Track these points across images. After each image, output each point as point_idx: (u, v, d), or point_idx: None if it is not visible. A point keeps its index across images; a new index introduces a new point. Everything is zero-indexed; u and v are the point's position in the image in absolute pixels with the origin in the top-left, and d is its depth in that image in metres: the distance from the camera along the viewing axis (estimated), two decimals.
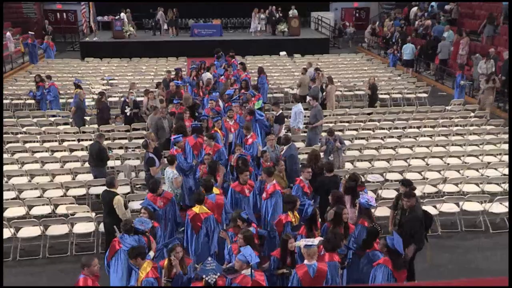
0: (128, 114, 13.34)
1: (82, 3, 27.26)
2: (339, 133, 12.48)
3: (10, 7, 29.04)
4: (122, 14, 25.64)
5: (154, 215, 7.43)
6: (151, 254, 6.40)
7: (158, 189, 7.89)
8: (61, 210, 9.29)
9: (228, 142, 11.22)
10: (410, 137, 13.12)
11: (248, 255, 5.84)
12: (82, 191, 10.11)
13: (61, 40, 28.50)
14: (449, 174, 10.76)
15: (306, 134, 12.64)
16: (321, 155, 10.04)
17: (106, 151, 10.59)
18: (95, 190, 10.11)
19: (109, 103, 15.13)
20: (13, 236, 8.52)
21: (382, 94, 17.48)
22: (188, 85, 15.67)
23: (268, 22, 26.57)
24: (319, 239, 6.39)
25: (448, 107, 15.50)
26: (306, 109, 13.51)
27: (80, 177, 10.77)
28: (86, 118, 13.97)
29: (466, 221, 9.53)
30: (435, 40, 21.29)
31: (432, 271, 7.27)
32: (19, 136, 12.97)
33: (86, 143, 12.41)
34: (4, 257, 8.47)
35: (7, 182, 10.37)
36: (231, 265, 6.13)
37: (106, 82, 18.47)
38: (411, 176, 10.77)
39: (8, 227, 8.49)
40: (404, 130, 13.56)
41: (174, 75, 15.92)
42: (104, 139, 10.90)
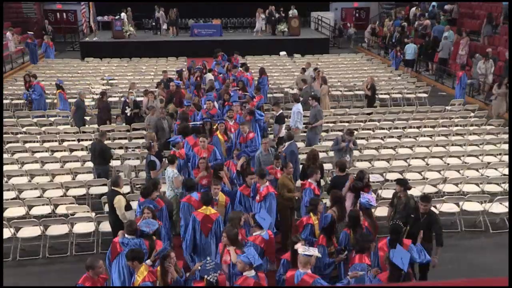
0: (128, 115, 13.34)
1: (82, 3, 27.24)
2: (340, 133, 12.48)
3: (10, 7, 29.06)
4: (123, 14, 25.65)
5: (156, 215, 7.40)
6: (148, 262, 6.20)
7: (151, 194, 7.70)
8: (61, 210, 9.29)
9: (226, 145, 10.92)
10: (410, 137, 13.12)
11: (252, 257, 5.81)
12: (82, 191, 10.11)
13: (61, 40, 28.48)
14: (449, 174, 10.76)
15: (305, 134, 12.63)
16: (320, 154, 10.04)
17: (109, 149, 10.61)
18: (95, 190, 10.11)
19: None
20: (13, 236, 8.52)
21: (382, 94, 17.50)
22: (191, 86, 15.59)
23: (268, 22, 26.57)
24: (317, 254, 6.12)
25: (448, 107, 15.51)
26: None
27: (80, 177, 10.76)
28: (86, 118, 13.96)
29: (466, 221, 9.54)
30: (435, 40, 21.30)
31: (432, 271, 7.26)
32: (19, 136, 12.97)
33: (86, 143, 12.41)
34: (4, 257, 8.47)
35: (7, 182, 10.37)
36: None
37: (106, 82, 18.48)
38: (411, 176, 10.80)
39: (8, 227, 8.49)
40: (404, 130, 13.56)
41: (177, 76, 15.90)
42: (105, 138, 10.91)
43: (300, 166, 9.94)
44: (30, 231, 8.59)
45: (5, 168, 11.07)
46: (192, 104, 12.46)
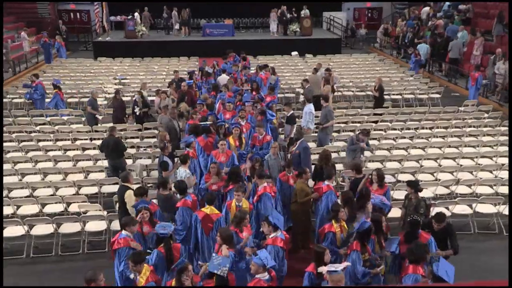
0: (137, 114, 13.42)
1: (96, 3, 27.49)
2: (351, 133, 12.43)
3: (25, 7, 29.46)
4: (136, 14, 25.83)
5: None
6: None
7: (144, 195, 7.61)
8: (73, 208, 9.39)
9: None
10: (423, 138, 13.02)
11: (264, 258, 5.79)
12: (94, 190, 10.19)
13: (74, 40, 28.77)
14: (462, 176, 10.65)
15: (316, 135, 12.59)
16: (332, 154, 9.99)
17: (122, 142, 10.79)
18: (107, 189, 10.20)
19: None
20: (26, 234, 8.62)
21: (394, 94, 17.39)
22: (204, 86, 15.59)
23: (280, 22, 26.55)
24: (345, 264, 6.03)
25: (461, 107, 15.35)
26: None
27: (92, 175, 10.86)
28: (98, 117, 14.08)
29: (479, 223, 9.43)
30: (447, 40, 21.11)
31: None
32: (33, 134, 13.11)
33: (98, 142, 12.50)
34: (17, 254, 8.59)
35: (21, 180, 10.50)
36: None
37: (118, 81, 18.61)
38: (423, 177, 10.72)
39: (22, 224, 8.59)
40: (416, 131, 13.45)
41: (189, 76, 15.94)
42: (116, 132, 11.09)
43: (312, 166, 9.92)
44: (43, 229, 8.68)
45: (19, 166, 11.23)
46: (205, 105, 12.45)
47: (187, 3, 26.49)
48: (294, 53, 23.80)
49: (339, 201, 8.01)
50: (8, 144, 12.64)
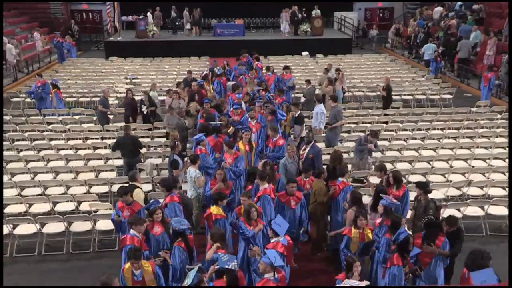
0: (145, 113, 13.49)
1: (108, 3, 27.69)
2: (362, 134, 12.36)
3: (38, 8, 29.77)
4: (149, 14, 25.97)
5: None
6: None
7: (124, 196, 7.50)
8: (84, 207, 9.46)
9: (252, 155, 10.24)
10: (434, 138, 12.91)
11: (273, 257, 5.79)
12: (105, 189, 10.26)
13: (86, 40, 29.01)
14: (474, 177, 10.54)
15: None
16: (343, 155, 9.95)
17: (139, 140, 11.05)
18: (118, 188, 10.23)
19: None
20: (38, 232, 8.71)
21: (405, 95, 17.28)
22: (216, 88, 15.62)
23: (291, 22, 26.51)
24: (366, 282, 5.87)
25: (474, 108, 15.19)
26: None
27: (103, 174, 10.94)
28: (109, 116, 14.17)
29: (491, 225, 9.32)
30: (459, 40, 20.93)
31: (454, 276, 7.14)
32: (45, 133, 13.24)
33: (109, 141, 12.61)
34: (29, 251, 8.69)
35: (33, 179, 10.61)
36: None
37: (129, 81, 18.72)
38: (434, 178, 10.63)
39: (34, 222, 8.68)
40: (428, 132, 13.35)
41: (202, 77, 15.96)
42: (131, 130, 11.25)
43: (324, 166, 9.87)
44: (54, 227, 8.76)
45: (31, 164, 11.35)
46: (213, 106, 12.46)
47: (198, 3, 26.56)
48: (305, 53, 23.74)
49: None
50: (21, 143, 12.80)
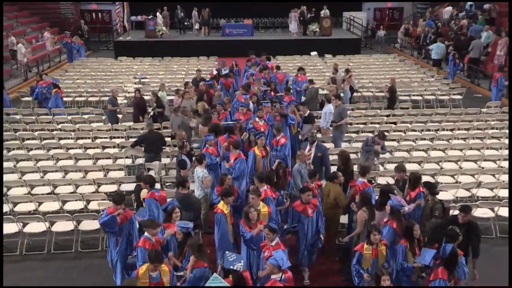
0: (151, 114, 13.54)
1: (117, 3, 27.83)
2: (370, 134, 12.31)
3: (48, 8, 30.01)
4: (158, 14, 26.07)
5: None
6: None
7: (121, 203, 7.23)
8: (93, 206, 9.51)
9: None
10: (443, 139, 12.82)
11: (280, 259, 5.78)
12: (113, 188, 10.31)
13: (95, 40, 29.18)
14: (483, 178, 10.45)
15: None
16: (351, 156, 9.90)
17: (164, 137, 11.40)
18: (126, 187, 10.30)
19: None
20: (47, 230, 8.78)
21: (414, 95, 17.19)
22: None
23: (299, 22, 26.46)
24: None
25: (484, 109, 15.06)
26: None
27: (111, 174, 11.00)
28: (119, 116, 14.24)
29: (501, 227, 9.24)
30: (470, 40, 20.77)
31: None
32: (54, 133, 13.34)
33: (118, 141, 12.67)
34: (38, 250, 8.76)
35: (42, 177, 10.69)
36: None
37: (138, 80, 18.79)
38: (443, 179, 10.56)
39: (43, 221, 8.75)
40: (437, 133, 13.26)
41: (211, 77, 15.97)
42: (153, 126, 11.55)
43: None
44: (63, 226, 8.82)
45: (41, 163, 11.43)
46: (223, 104, 12.46)
47: (207, 3, 26.60)
48: (313, 53, 23.69)
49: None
50: (30, 142, 12.90)
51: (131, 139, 12.74)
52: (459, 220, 7.05)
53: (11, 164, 11.41)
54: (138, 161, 11.64)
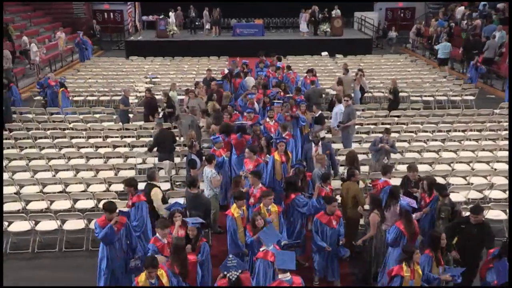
0: (160, 115, 13.59)
1: (129, 3, 27.99)
2: (380, 135, 12.24)
3: (61, 8, 30.29)
4: (171, 14, 26.19)
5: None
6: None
7: (114, 211, 7.03)
8: None
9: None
10: (455, 140, 12.71)
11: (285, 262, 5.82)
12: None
13: (107, 39, 29.39)
14: (496, 180, 10.34)
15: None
16: (361, 156, 9.87)
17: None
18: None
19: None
20: (59, 228, 8.86)
21: (426, 96, 17.05)
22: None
23: (310, 22, 26.40)
24: None
25: (497, 110, 14.89)
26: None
27: (122, 173, 11.06)
28: (130, 115, 14.32)
29: None
30: (478, 40, 20.62)
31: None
32: (66, 132, 13.45)
33: (129, 140, 12.74)
34: (49, 248, 8.85)
35: (54, 176, 10.79)
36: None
37: (149, 80, 18.89)
38: (455, 180, 10.46)
39: (55, 219, 8.83)
40: (449, 134, 13.15)
41: (222, 77, 15.99)
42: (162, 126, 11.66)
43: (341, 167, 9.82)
44: (74, 224, 8.89)
45: (53, 162, 11.54)
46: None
47: (218, 3, 26.65)
48: (324, 53, 23.61)
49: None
50: (43, 140, 13.03)
51: (141, 139, 12.84)
52: (471, 221, 6.98)
53: (23, 162, 11.53)
54: (148, 160, 11.67)
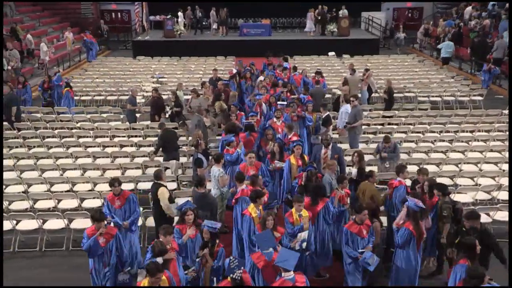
0: (169, 113, 13.63)
1: (136, 3, 28.08)
2: (388, 135, 12.18)
3: (69, 8, 30.50)
4: (180, 14, 26.25)
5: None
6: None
7: (103, 220, 6.80)
8: None
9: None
10: (463, 141, 12.63)
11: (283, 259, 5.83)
12: (130, 186, 10.39)
13: (114, 39, 29.52)
14: (504, 181, 10.26)
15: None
16: (368, 156, 9.85)
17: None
18: (143, 186, 10.39)
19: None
20: (66, 227, 8.91)
21: (433, 96, 16.97)
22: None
23: (317, 22, 26.36)
24: None
25: (506, 111, 14.78)
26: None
27: (128, 172, 11.10)
28: (137, 115, 14.37)
29: None
30: (483, 41, 20.53)
31: None
32: (73, 131, 13.52)
33: (135, 139, 12.79)
34: (57, 246, 8.91)
35: (62, 175, 10.85)
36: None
37: (156, 80, 18.94)
38: (463, 181, 10.40)
39: (62, 218, 8.88)
40: (456, 134, 13.07)
41: (229, 77, 15.98)
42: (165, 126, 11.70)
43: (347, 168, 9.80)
44: (82, 223, 8.91)
45: (61, 161, 11.61)
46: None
47: (225, 3, 26.68)
48: (331, 53, 23.57)
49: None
50: (51, 140, 13.10)
51: (148, 138, 12.87)
52: (466, 226, 6.89)
53: (31, 161, 11.60)
54: (155, 159, 11.68)
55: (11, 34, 21.97)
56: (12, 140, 12.95)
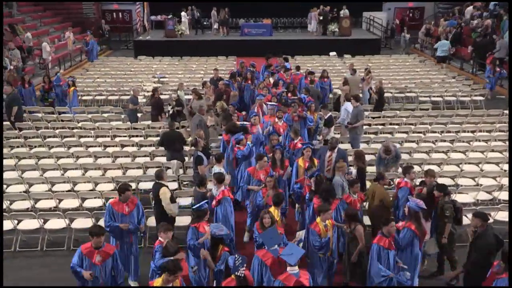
0: (170, 112, 13.64)
1: (137, 3, 28.10)
2: (389, 135, 12.20)
3: (71, 8, 30.55)
4: (183, 13, 26.26)
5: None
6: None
7: (102, 235, 6.55)
8: None
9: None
10: (464, 141, 12.62)
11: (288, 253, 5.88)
12: (132, 186, 10.38)
13: (116, 39, 29.54)
14: (506, 181, 10.24)
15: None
16: (369, 156, 9.84)
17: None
18: (144, 186, 10.40)
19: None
20: (67, 227, 8.92)
21: (434, 96, 16.95)
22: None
23: (319, 22, 26.35)
24: None
25: (507, 111, 14.76)
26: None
27: (130, 172, 11.11)
28: (138, 115, 14.38)
29: None
30: (484, 40, 20.53)
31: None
32: (75, 131, 13.54)
33: (137, 139, 12.79)
34: (59, 246, 8.92)
35: (63, 175, 10.87)
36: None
37: (157, 80, 18.95)
38: (464, 181, 10.39)
39: (63, 217, 8.89)
40: (458, 134, 13.06)
41: (230, 77, 15.98)
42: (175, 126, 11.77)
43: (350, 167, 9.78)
44: (83, 223, 8.94)
45: (61, 161, 11.62)
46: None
47: (226, 3, 26.68)
48: (332, 53, 23.56)
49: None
50: (52, 139, 13.11)
51: (149, 138, 12.88)
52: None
53: (33, 161, 11.62)
54: (156, 159, 11.71)
55: (10, 30, 21.96)
56: (13, 140, 12.97)
